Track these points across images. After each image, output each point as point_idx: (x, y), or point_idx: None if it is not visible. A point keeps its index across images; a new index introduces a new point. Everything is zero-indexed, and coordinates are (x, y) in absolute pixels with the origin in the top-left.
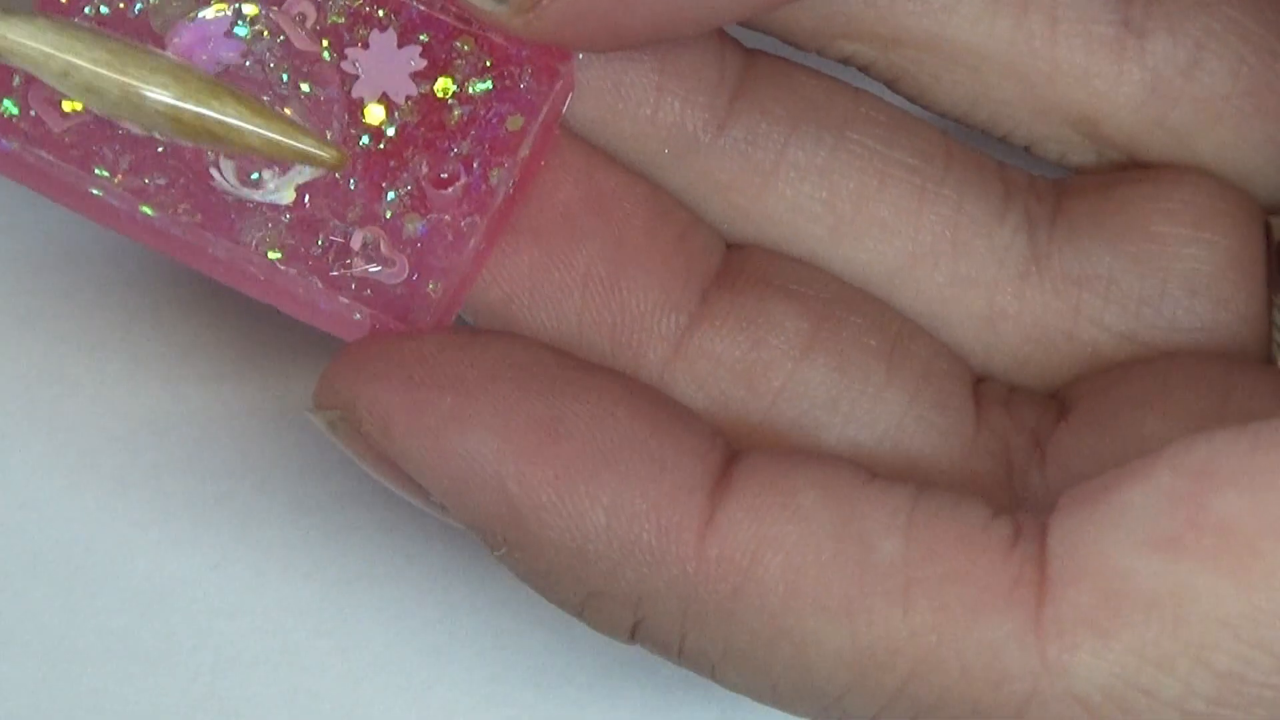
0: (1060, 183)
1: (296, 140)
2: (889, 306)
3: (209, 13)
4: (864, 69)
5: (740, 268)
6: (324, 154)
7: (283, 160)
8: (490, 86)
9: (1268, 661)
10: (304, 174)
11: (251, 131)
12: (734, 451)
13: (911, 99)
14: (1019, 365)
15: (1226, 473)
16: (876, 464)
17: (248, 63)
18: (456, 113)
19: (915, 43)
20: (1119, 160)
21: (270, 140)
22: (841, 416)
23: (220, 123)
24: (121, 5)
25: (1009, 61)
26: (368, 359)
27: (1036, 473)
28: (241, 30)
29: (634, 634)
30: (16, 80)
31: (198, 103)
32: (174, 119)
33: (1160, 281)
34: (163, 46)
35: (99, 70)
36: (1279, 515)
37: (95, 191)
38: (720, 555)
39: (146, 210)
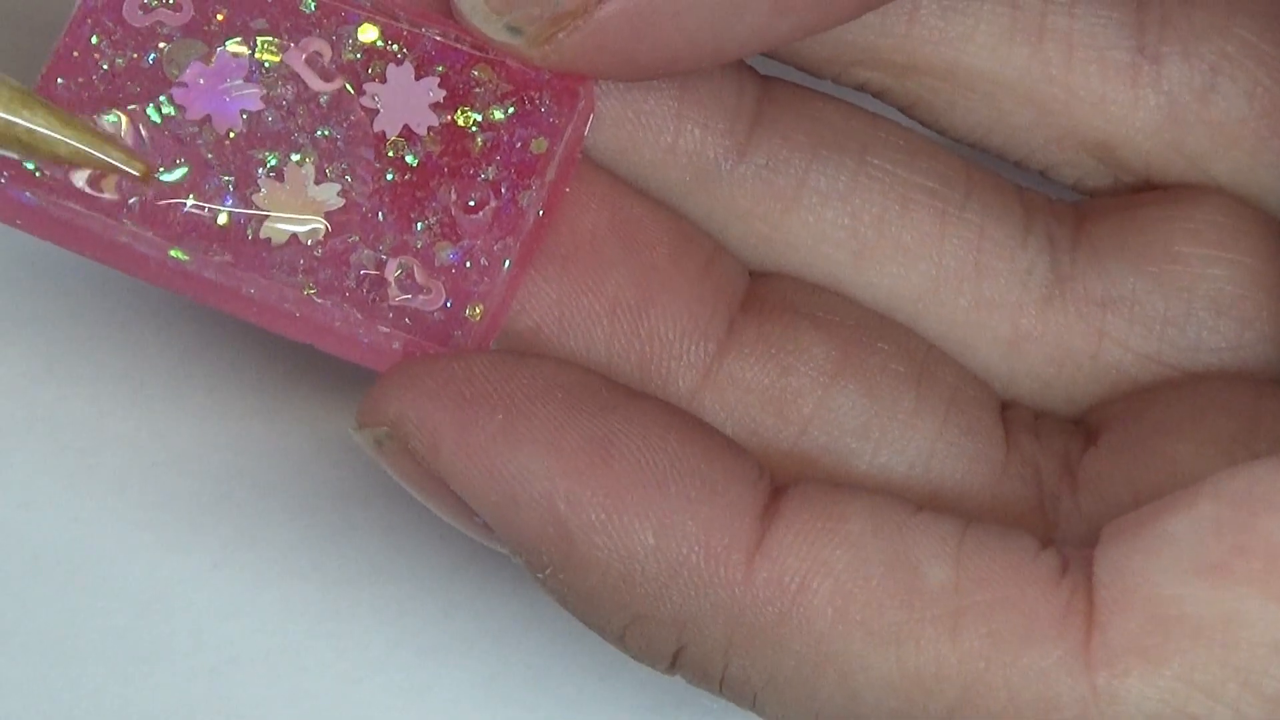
0: (1080, 205)
1: (104, 152)
2: (913, 332)
3: (225, 51)
4: (879, 95)
5: (765, 295)
6: (131, 167)
7: (92, 169)
8: (511, 111)
9: None
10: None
11: (59, 140)
12: (781, 482)
13: (926, 124)
14: (1044, 388)
15: (1270, 500)
16: (909, 492)
17: (269, 115)
18: (480, 140)
19: (931, 70)
20: (1135, 184)
21: (77, 150)
22: (873, 444)
23: (29, 131)
24: (135, 56)
25: (1025, 88)
26: (416, 377)
27: (1069, 498)
28: (253, 85)
29: (675, 661)
30: None
31: (7, 110)
32: None
33: (1185, 302)
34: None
35: None
36: None
37: (123, 239)
38: (768, 579)
39: (177, 254)
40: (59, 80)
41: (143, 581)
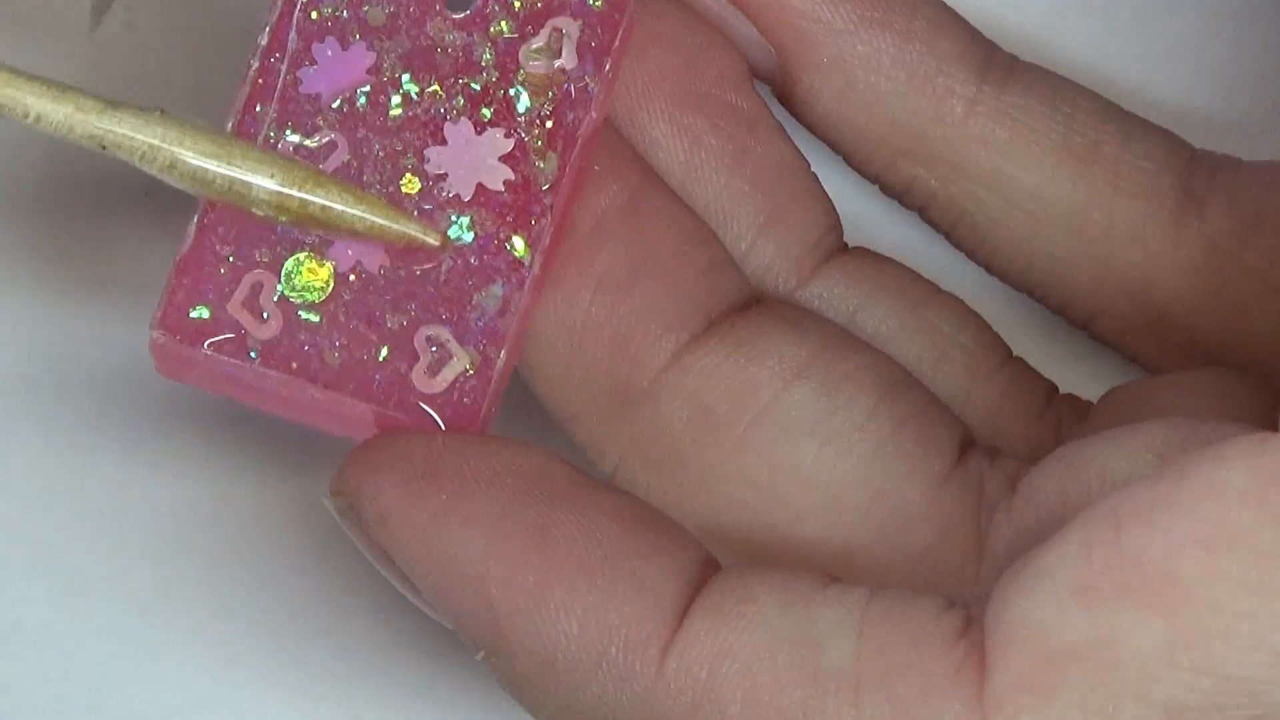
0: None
1: (400, 224)
2: (895, 361)
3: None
4: (923, 208)
5: (755, 307)
6: (429, 237)
7: (388, 242)
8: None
9: (1208, 682)
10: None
11: (356, 216)
12: (714, 570)
13: (972, 251)
14: None
15: (1134, 514)
16: (846, 490)
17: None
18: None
19: (978, 176)
20: (1179, 344)
21: (374, 224)
22: (819, 440)
23: (324, 208)
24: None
25: (1068, 211)
26: (376, 452)
27: (1004, 508)
28: None
29: None
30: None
31: (302, 189)
32: (279, 206)
33: None
34: None
35: (205, 164)
36: (1184, 536)
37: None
38: (679, 668)
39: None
40: (257, 108)
41: (143, 581)
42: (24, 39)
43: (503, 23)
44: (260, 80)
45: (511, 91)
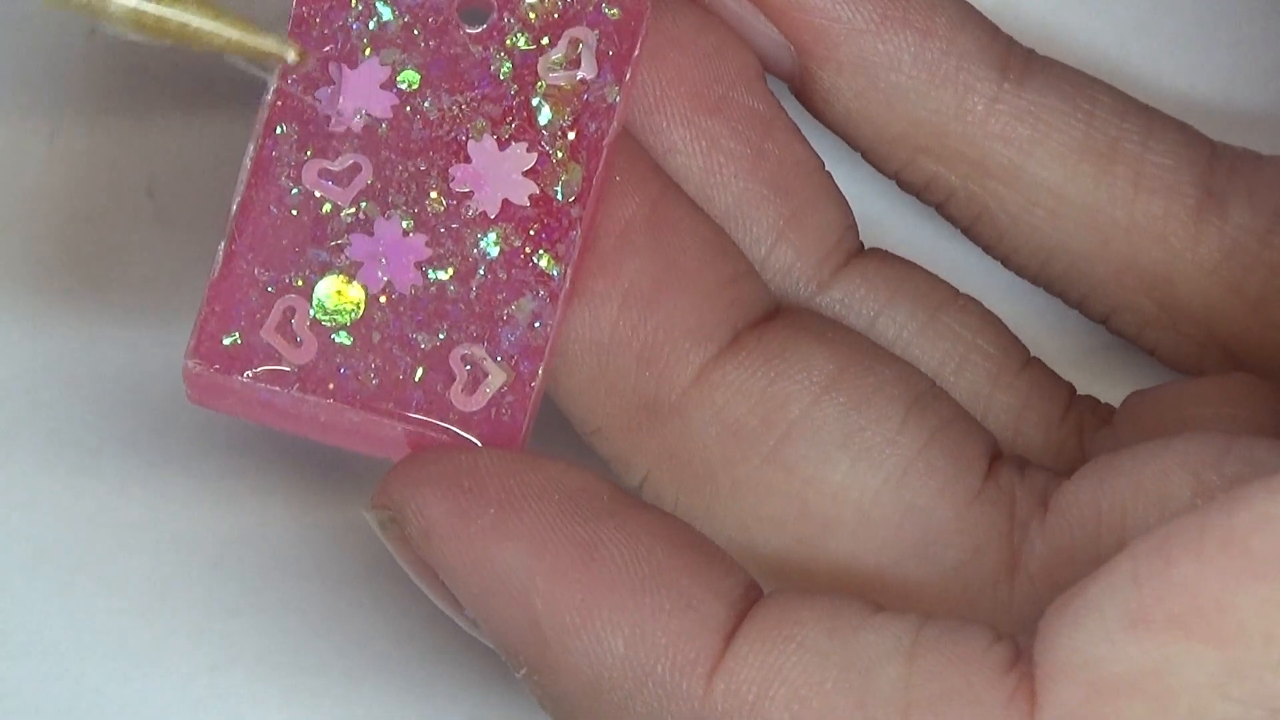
0: (1100, 411)
1: (257, 38)
2: (920, 371)
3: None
4: (943, 204)
5: (780, 317)
6: (286, 50)
7: (245, 57)
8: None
9: (1261, 714)
10: None
11: (212, 31)
12: (758, 594)
13: (989, 247)
14: None
15: (1184, 546)
16: (877, 506)
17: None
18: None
19: (998, 173)
20: (1197, 338)
21: (231, 40)
22: (851, 454)
23: (181, 25)
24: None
25: (1088, 209)
26: (422, 466)
27: (1037, 525)
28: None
29: None
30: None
31: (159, 4)
32: (136, 22)
33: None
34: None
35: None
36: (1237, 569)
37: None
38: (728, 690)
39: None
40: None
41: (143, 581)
42: (24, 39)
43: (519, 35)
44: (279, 102)
45: (533, 104)
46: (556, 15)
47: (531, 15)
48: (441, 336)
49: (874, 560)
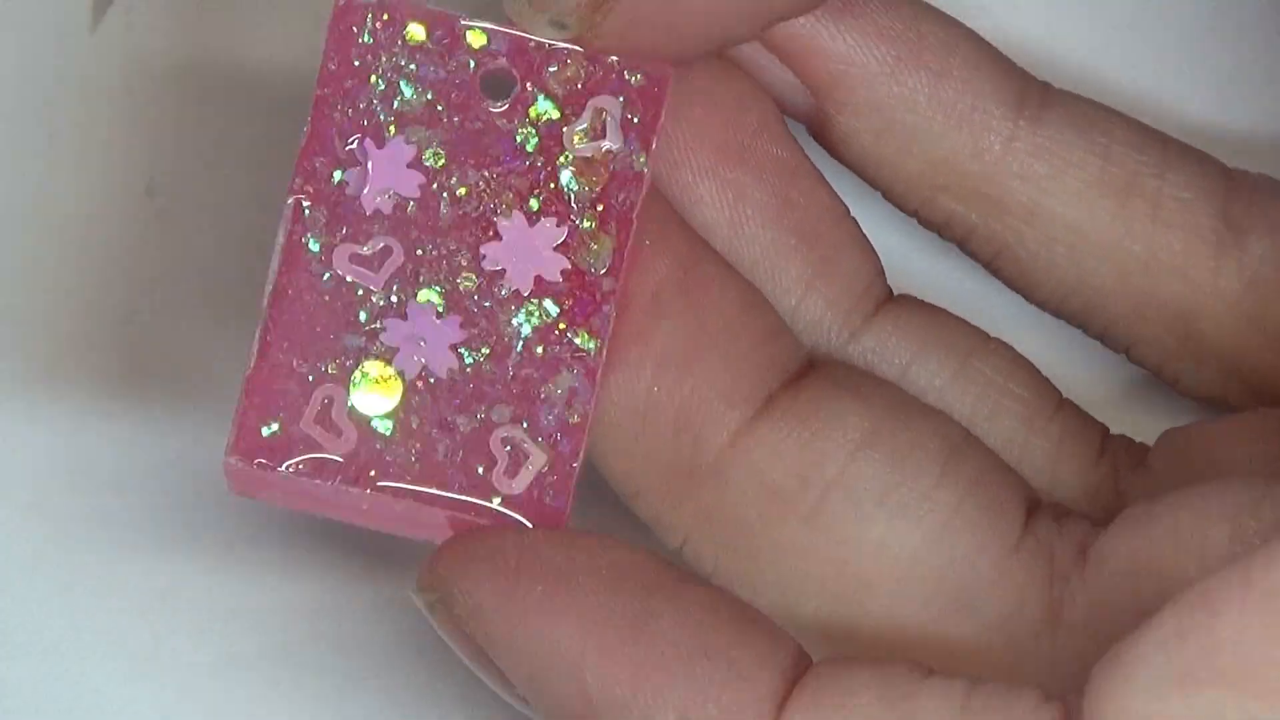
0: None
1: None
2: (953, 420)
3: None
4: (963, 241)
5: (814, 373)
6: None
7: None
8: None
9: None
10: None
11: None
12: (807, 662)
13: (1010, 282)
14: None
15: (1229, 599)
16: (918, 562)
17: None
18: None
19: (1017, 210)
20: (1219, 370)
21: None
22: (888, 511)
23: None
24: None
25: (1107, 244)
26: (469, 546)
27: (1077, 577)
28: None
29: None
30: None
31: None
32: None
33: None
34: None
35: None
36: None
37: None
38: None
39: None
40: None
41: (143, 581)
42: (24, 39)
43: (543, 106)
44: (309, 188)
45: (560, 177)
46: (580, 84)
47: (554, 84)
48: (480, 418)
49: (916, 617)
